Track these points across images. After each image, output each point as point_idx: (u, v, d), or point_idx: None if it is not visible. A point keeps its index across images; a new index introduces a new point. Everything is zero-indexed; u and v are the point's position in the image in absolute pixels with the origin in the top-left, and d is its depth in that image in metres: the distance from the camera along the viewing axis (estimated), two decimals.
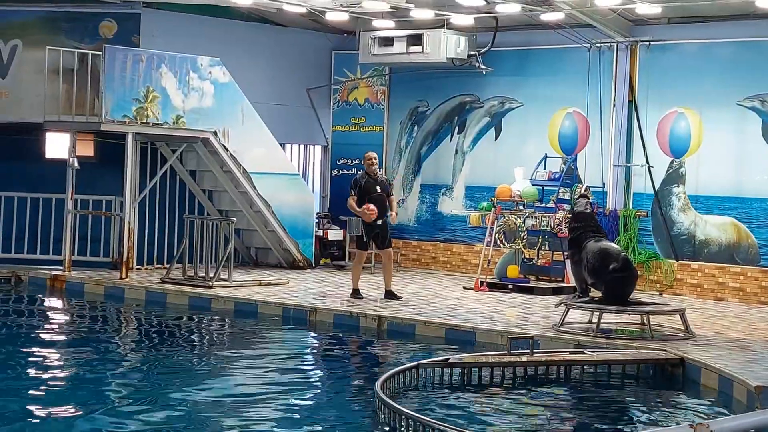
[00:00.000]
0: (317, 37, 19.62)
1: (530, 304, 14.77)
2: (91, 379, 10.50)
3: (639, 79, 16.88)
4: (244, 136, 17.32)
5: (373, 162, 14.93)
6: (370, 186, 14.85)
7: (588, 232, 12.91)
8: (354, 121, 19.73)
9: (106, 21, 17.43)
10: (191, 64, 16.82)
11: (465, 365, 10.70)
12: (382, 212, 14.82)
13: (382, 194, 14.89)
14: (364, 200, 14.77)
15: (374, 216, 14.66)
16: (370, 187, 14.84)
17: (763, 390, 9.56)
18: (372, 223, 14.75)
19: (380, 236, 14.89)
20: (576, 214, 13.32)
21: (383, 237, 14.92)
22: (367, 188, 14.83)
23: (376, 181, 14.93)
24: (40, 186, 17.33)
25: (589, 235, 12.87)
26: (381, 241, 14.92)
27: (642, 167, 16.83)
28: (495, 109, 18.38)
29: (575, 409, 10.21)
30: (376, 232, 14.83)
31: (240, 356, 12.07)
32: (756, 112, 15.94)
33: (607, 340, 12.07)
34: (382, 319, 13.45)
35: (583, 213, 13.17)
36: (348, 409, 9.82)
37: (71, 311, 14.98)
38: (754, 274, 15.91)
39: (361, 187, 14.85)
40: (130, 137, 16.21)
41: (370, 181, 14.88)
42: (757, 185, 15.97)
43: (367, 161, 14.95)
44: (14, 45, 17.40)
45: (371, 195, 14.79)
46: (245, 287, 15.66)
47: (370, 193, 14.81)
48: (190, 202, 17.83)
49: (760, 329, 13.29)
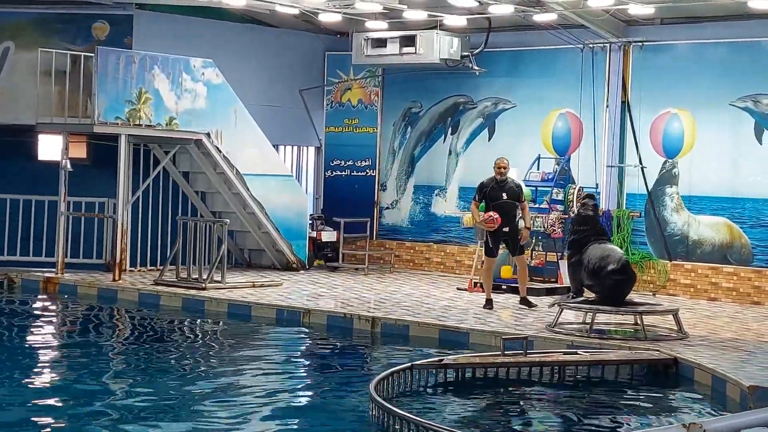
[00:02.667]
0: (310, 38, 19.61)
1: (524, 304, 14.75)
2: (83, 382, 10.47)
3: (632, 79, 16.89)
4: (237, 138, 17.30)
5: (500, 168, 14.33)
6: (497, 192, 14.29)
7: (591, 235, 12.89)
8: (347, 122, 19.72)
9: (98, 23, 17.41)
10: (184, 66, 16.81)
11: (459, 366, 10.70)
12: (508, 220, 14.24)
13: (509, 201, 14.29)
14: (489, 207, 14.28)
15: (494, 225, 14.13)
16: (496, 193, 14.28)
17: (756, 390, 9.56)
18: (498, 230, 14.26)
19: (510, 243, 14.39)
20: (583, 217, 13.23)
21: (513, 244, 14.38)
22: (493, 194, 14.30)
23: (503, 187, 14.32)
24: (32, 188, 17.30)
25: (592, 239, 12.85)
26: (512, 248, 14.44)
27: (635, 168, 16.84)
28: (488, 110, 18.38)
29: (569, 410, 10.21)
30: (504, 239, 14.36)
31: (233, 358, 12.06)
32: (749, 112, 15.96)
33: (600, 340, 12.08)
34: (376, 320, 13.45)
35: (589, 217, 13.11)
36: (342, 410, 9.81)
37: (64, 313, 14.96)
38: (747, 274, 15.92)
39: (487, 192, 14.34)
40: (123, 139, 16.19)
41: (496, 187, 14.32)
42: (750, 186, 15.99)
43: (495, 167, 14.38)
44: (6, 47, 17.37)
45: (497, 202, 14.25)
46: (238, 289, 15.64)
47: (496, 199, 14.26)
48: (183, 204, 17.80)
49: (753, 329, 13.30)
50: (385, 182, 19.43)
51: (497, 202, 14.29)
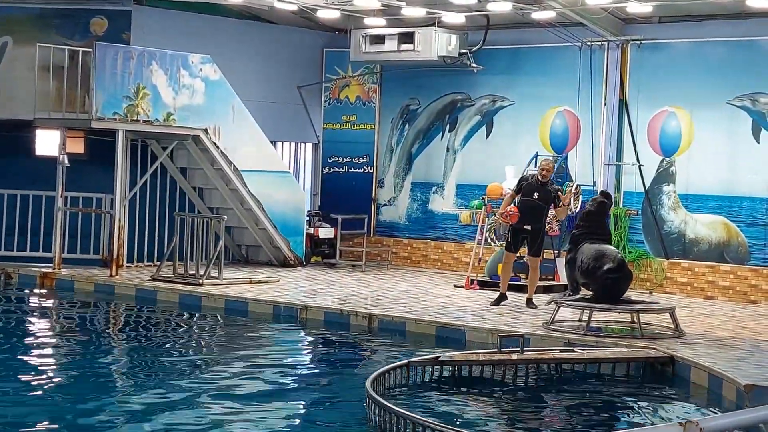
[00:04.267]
0: (308, 34, 19.60)
1: (521, 302, 14.76)
2: (78, 378, 10.47)
3: (630, 77, 16.90)
4: (234, 134, 17.30)
5: (543, 170, 14.35)
6: (530, 190, 14.33)
7: (586, 233, 12.85)
8: (345, 118, 19.72)
9: (96, 18, 17.39)
10: (182, 62, 16.80)
11: (455, 363, 10.71)
12: (532, 219, 14.21)
13: (539, 202, 14.28)
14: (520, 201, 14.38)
15: (511, 221, 14.20)
16: (530, 191, 14.34)
17: (752, 388, 9.58)
18: (519, 227, 14.29)
19: (529, 242, 14.40)
20: (585, 212, 13.23)
21: (531, 244, 14.38)
22: (527, 191, 14.36)
23: (538, 187, 14.30)
24: (30, 183, 17.29)
25: (586, 237, 12.81)
26: (529, 247, 14.50)
27: (632, 166, 16.85)
28: (486, 108, 18.38)
29: (565, 408, 10.22)
30: (523, 237, 14.36)
31: (230, 354, 12.05)
32: (746, 111, 15.97)
33: (597, 338, 12.08)
34: (373, 317, 13.45)
35: (591, 213, 13.07)
36: (338, 406, 9.82)
37: (61, 309, 14.95)
38: (743, 272, 15.94)
39: (522, 187, 14.43)
40: (121, 134, 16.18)
41: (532, 186, 14.36)
42: (747, 184, 16.00)
43: (540, 170, 14.49)
44: (4, 42, 17.36)
45: (526, 199, 14.34)
46: (236, 285, 15.64)
47: (527, 196, 14.35)
48: (180, 200, 17.80)
49: (749, 328, 13.32)
50: (382, 179, 19.43)
51: (527, 199, 14.35)
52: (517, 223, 14.26)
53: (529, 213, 14.26)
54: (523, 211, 14.26)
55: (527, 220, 14.26)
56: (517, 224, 14.27)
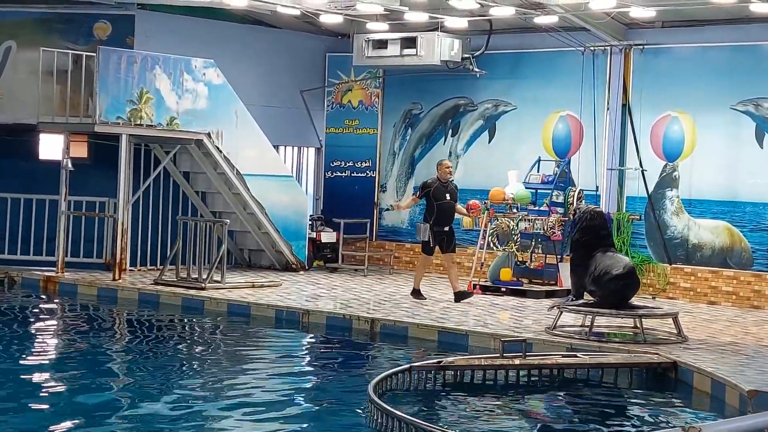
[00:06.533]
0: (311, 39, 19.62)
1: (523, 307, 14.77)
2: (82, 381, 10.48)
3: (633, 82, 16.89)
4: (237, 138, 17.31)
5: (448, 168, 15.23)
6: (440, 193, 15.00)
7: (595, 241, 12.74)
8: (348, 123, 19.72)
9: (100, 22, 17.42)
10: (185, 66, 16.82)
11: (457, 368, 10.71)
12: (450, 220, 15.08)
13: (451, 202, 15.08)
14: (433, 206, 14.93)
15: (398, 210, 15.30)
16: (440, 193, 14.99)
17: (755, 394, 9.57)
18: (440, 230, 14.91)
19: (446, 242, 15.06)
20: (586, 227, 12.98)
21: (449, 242, 15.07)
22: (437, 194, 14.97)
23: (446, 189, 15.09)
24: (33, 187, 17.32)
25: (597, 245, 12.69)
26: (446, 245, 15.08)
27: (635, 171, 16.84)
28: (489, 112, 18.38)
29: (567, 413, 10.22)
30: (442, 237, 14.99)
31: (232, 358, 12.06)
32: (749, 116, 15.96)
33: (599, 343, 12.07)
34: (375, 321, 13.45)
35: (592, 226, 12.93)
36: (340, 411, 9.81)
37: (64, 312, 14.96)
38: (746, 278, 15.92)
39: (431, 192, 14.97)
40: (124, 138, 16.20)
41: (441, 188, 15.04)
42: (750, 189, 15.98)
43: (445, 168, 15.18)
44: (8, 46, 17.39)
45: (440, 201, 14.97)
46: (238, 289, 15.65)
47: (440, 199, 14.97)
48: (183, 204, 17.81)
49: (752, 333, 13.31)
50: (385, 183, 19.43)
51: (441, 201, 14.96)
52: (439, 225, 14.92)
53: (448, 214, 15.04)
54: (443, 213, 14.94)
55: (446, 221, 15.07)
56: (438, 227, 14.91)
